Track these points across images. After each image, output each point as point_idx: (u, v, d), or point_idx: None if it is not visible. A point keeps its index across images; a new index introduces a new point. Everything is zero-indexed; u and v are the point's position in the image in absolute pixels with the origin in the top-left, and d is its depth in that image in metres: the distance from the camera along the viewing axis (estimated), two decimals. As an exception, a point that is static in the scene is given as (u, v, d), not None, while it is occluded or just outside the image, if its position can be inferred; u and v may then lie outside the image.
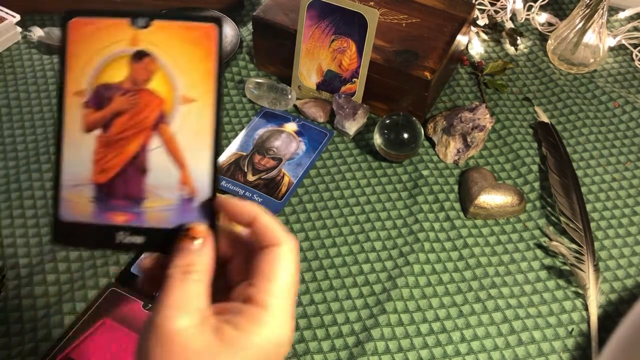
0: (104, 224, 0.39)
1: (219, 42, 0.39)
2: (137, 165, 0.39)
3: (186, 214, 0.39)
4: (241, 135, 0.84)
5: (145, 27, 0.39)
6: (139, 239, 0.39)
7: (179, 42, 0.39)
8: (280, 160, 0.82)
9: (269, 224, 0.38)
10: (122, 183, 0.39)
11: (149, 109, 0.39)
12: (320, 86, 0.87)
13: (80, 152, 0.39)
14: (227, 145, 0.83)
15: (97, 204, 0.39)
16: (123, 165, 0.39)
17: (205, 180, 0.39)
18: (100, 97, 0.39)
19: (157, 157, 0.39)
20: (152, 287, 0.40)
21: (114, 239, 0.39)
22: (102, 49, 0.39)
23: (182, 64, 0.39)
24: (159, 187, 0.39)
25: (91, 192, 0.39)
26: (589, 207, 0.79)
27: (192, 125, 0.39)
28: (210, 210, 0.39)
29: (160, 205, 0.39)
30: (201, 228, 0.38)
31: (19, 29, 0.95)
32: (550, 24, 1.03)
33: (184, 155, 0.39)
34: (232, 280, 0.39)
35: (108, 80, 0.39)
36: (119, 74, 0.39)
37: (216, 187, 0.39)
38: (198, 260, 0.37)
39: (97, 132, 0.39)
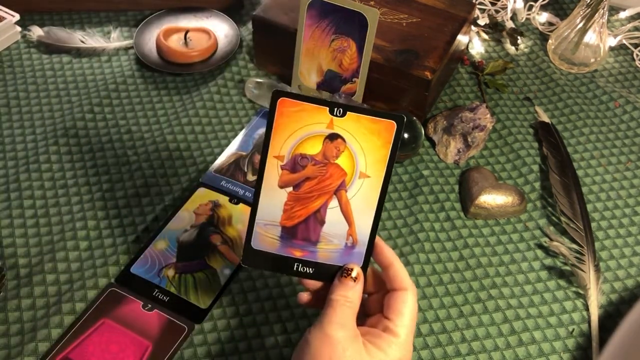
0: (285, 256, 0.52)
1: (396, 136, 0.50)
2: (317, 218, 0.51)
3: (347, 257, 0.51)
4: (241, 135, 0.84)
5: (341, 116, 0.49)
6: (309, 270, 0.52)
7: (365, 131, 0.50)
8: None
9: (401, 271, 0.51)
10: (304, 229, 0.51)
11: (333, 178, 0.51)
12: (320, 86, 0.87)
13: (273, 202, 0.51)
14: (227, 145, 0.83)
15: (282, 241, 0.51)
16: (306, 217, 0.51)
17: (366, 234, 0.51)
18: (296, 164, 0.50)
19: (333, 214, 0.51)
20: (313, 301, 0.53)
21: (292, 267, 0.52)
22: (304, 127, 0.50)
23: (365, 148, 0.50)
24: (331, 235, 0.51)
25: (278, 232, 0.51)
26: (589, 207, 0.79)
27: (363, 195, 0.50)
28: (366, 257, 0.51)
29: (329, 248, 0.51)
30: (358, 270, 0.51)
31: (19, 28, 0.95)
32: (550, 24, 1.03)
33: (353, 215, 0.51)
34: (370, 309, 0.53)
35: (304, 151, 0.50)
36: (314, 148, 0.50)
37: (373, 241, 0.51)
38: (352, 293, 0.50)
39: (289, 189, 0.51)
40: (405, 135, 0.79)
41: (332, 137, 0.50)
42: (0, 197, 0.77)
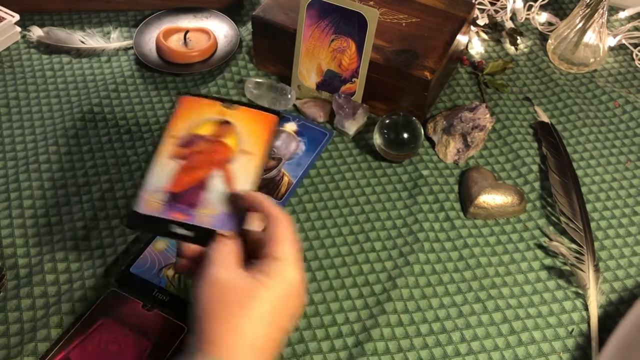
0: (167, 219, 0.55)
1: (275, 125, 0.59)
2: (201, 185, 0.56)
3: (225, 222, 0.54)
4: (241, 135, 0.85)
5: (231, 108, 0.59)
6: (188, 233, 0.54)
7: (250, 120, 0.59)
8: (280, 160, 0.82)
9: (264, 203, 0.53)
10: (188, 195, 0.56)
11: (220, 152, 0.57)
12: (320, 86, 0.87)
13: (164, 171, 0.57)
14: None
15: (165, 204, 0.55)
16: (192, 184, 0.56)
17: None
18: (189, 141, 0.58)
19: (217, 182, 0.56)
20: (191, 267, 0.55)
21: (172, 229, 0.55)
22: (200, 115, 0.59)
23: (249, 132, 0.58)
24: (211, 201, 0.55)
25: (164, 197, 0.56)
26: (589, 207, 0.79)
27: (244, 168, 0.57)
28: (239, 221, 0.55)
29: (209, 212, 0.55)
30: (228, 234, 0.53)
31: (18, 29, 0.95)
32: (550, 24, 1.03)
33: (234, 185, 0.56)
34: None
35: (198, 132, 0.58)
36: (206, 130, 0.58)
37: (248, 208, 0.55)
38: (228, 246, 0.52)
39: (180, 160, 0.57)
40: (405, 135, 0.79)
41: (222, 122, 0.59)
42: (0, 197, 0.77)
